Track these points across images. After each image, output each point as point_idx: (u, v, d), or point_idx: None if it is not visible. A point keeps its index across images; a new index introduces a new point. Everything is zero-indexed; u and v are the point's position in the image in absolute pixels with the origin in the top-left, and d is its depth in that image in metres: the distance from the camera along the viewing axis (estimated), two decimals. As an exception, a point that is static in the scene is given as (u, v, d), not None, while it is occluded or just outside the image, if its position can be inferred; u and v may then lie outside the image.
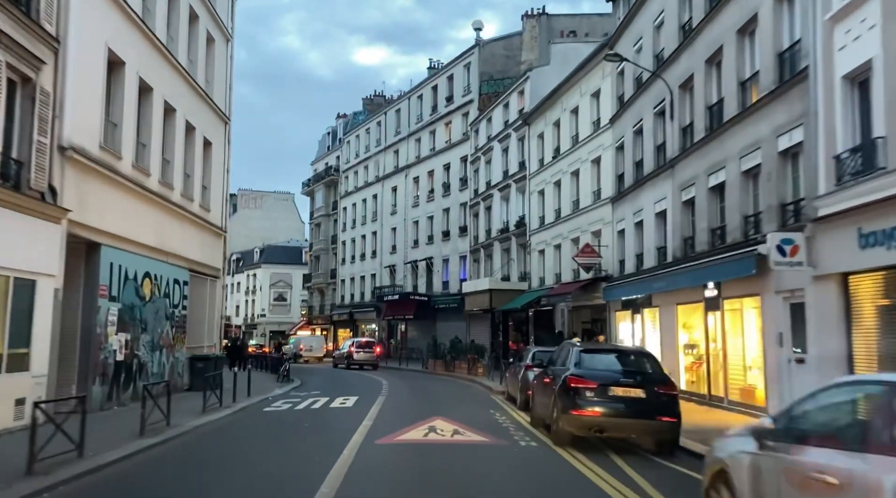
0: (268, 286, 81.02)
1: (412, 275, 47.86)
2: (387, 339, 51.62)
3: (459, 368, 30.17)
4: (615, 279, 23.38)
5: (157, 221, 17.67)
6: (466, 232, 41.49)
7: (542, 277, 31.29)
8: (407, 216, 49.07)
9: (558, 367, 11.32)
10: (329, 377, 31.02)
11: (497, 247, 36.54)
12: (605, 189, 25.20)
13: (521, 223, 33.58)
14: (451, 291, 42.41)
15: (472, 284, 35.58)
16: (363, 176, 56.91)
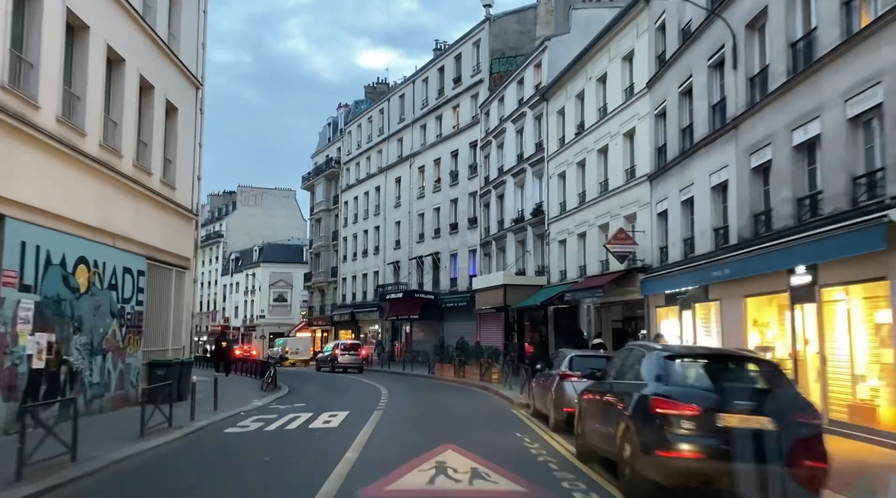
0: (267, 286, 77.62)
1: (417, 271, 44.36)
2: (391, 341, 48.11)
3: (470, 373, 26.63)
4: (655, 270, 19.81)
5: (100, 195, 14.23)
6: (476, 224, 37.98)
7: (562, 271, 27.74)
8: (412, 209, 45.58)
9: (627, 381, 7.77)
10: (320, 384, 27.60)
11: (511, 239, 33.00)
12: (640, 166, 21.64)
13: (539, 211, 30.04)
14: (460, 289, 38.90)
15: (484, 279, 32.03)
16: (365, 167, 53.49)
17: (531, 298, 27.95)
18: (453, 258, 40.51)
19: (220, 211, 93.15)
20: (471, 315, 37.29)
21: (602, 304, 23.71)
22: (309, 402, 18.77)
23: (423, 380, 29.53)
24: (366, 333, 52.85)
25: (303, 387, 25.72)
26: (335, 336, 57.75)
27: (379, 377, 30.91)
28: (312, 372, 37.75)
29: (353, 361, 35.80)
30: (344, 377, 32.39)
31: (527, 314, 30.93)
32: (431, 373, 31.28)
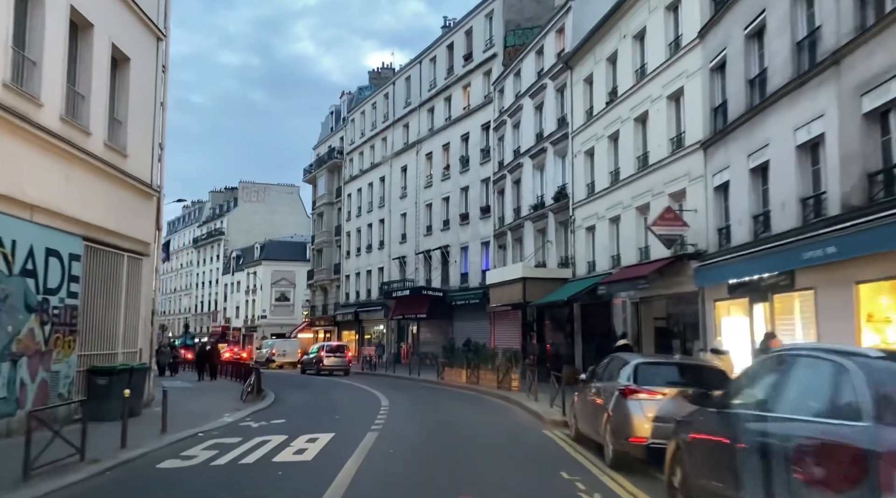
0: (269, 285, 74.43)
1: (425, 267, 40.92)
2: (396, 342, 44.68)
3: (485, 378, 23.19)
4: (714, 255, 16.29)
5: (6, 152, 10.87)
6: (489, 213, 34.49)
7: (590, 262, 24.23)
8: (419, 199, 42.14)
9: (837, 419, 4.22)
10: (310, 391, 24.39)
11: (529, 228, 29.49)
12: (690, 132, 18.11)
13: (562, 195, 26.54)
14: (472, 285, 35.42)
15: (499, 273, 28.51)
16: (369, 157, 50.10)
17: (554, 294, 24.44)
18: (464, 252, 37.05)
19: (222, 207, 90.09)
20: (483, 314, 33.81)
21: (641, 299, 20.18)
22: (291, 416, 15.39)
23: (430, 387, 26.10)
24: (370, 333, 49.48)
25: (290, 395, 22.42)
26: (338, 337, 54.44)
27: (380, 384, 27.49)
28: (298, 375, 35.91)
29: (339, 363, 34.69)
30: (336, 383, 29.13)
31: (548, 312, 27.43)
32: (440, 378, 27.85)
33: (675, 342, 18.91)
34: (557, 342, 26.28)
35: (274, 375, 37.01)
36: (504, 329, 31.98)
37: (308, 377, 34.40)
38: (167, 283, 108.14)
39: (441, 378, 27.74)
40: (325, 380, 32.35)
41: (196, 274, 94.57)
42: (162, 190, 17.15)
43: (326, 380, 32.35)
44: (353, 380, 29.97)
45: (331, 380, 31.79)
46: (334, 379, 32.70)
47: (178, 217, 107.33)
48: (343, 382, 30.32)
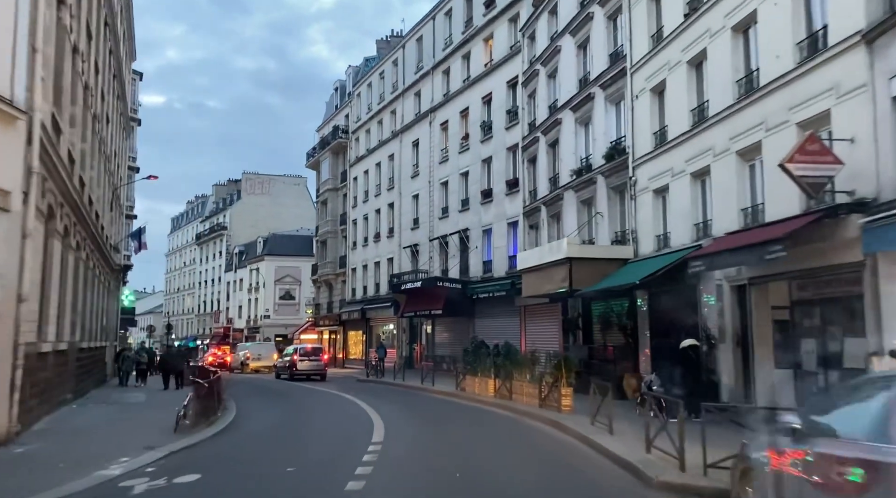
0: (272, 282, 68.82)
1: (441, 255, 34.96)
2: (408, 343, 38.74)
3: (521, 392, 17.20)
4: (890, 206, 10.18)
5: None
6: (517, 187, 28.45)
7: (661, 235, 18.13)
8: (433, 177, 36.19)
9: None
10: (280, 406, 18.65)
11: (570, 200, 23.42)
12: (839, 23, 11.95)
13: (617, 151, 20.45)
14: (496, 275, 29.42)
15: (534, 254, 22.38)
16: (377, 134, 44.25)
17: (613, 278, 18.32)
18: (487, 235, 31.02)
19: (225, 201, 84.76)
20: (511, 308, 27.82)
21: (751, 280, 14.03)
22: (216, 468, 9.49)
23: (446, 401, 20.13)
24: (379, 333, 43.60)
25: (253, 414, 16.65)
26: (344, 337, 48.69)
27: (382, 396, 21.59)
28: (273, 381, 33.35)
29: (314, 367, 32.69)
30: (316, 393, 23.62)
31: (597, 305, 21.33)
32: (459, 388, 21.88)
33: (807, 342, 12.77)
34: (614, 343, 20.17)
35: (249, 381, 33.67)
36: (538, 327, 25.95)
37: (282, 384, 30.48)
38: (170, 282, 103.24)
39: (461, 389, 21.76)
40: (301, 387, 27.09)
41: (199, 272, 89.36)
42: (33, 110, 11.24)
43: (303, 388, 26.99)
44: (346, 390, 24.07)
45: (310, 388, 26.45)
46: (313, 387, 27.41)
47: (182, 213, 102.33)
48: (327, 391, 24.56)
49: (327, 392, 24.59)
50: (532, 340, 25.84)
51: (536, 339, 25.30)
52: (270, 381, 34.42)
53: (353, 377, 34.28)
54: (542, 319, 25.63)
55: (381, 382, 29.24)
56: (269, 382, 33.72)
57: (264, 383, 32.54)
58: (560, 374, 14.89)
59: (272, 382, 33.70)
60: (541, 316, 25.67)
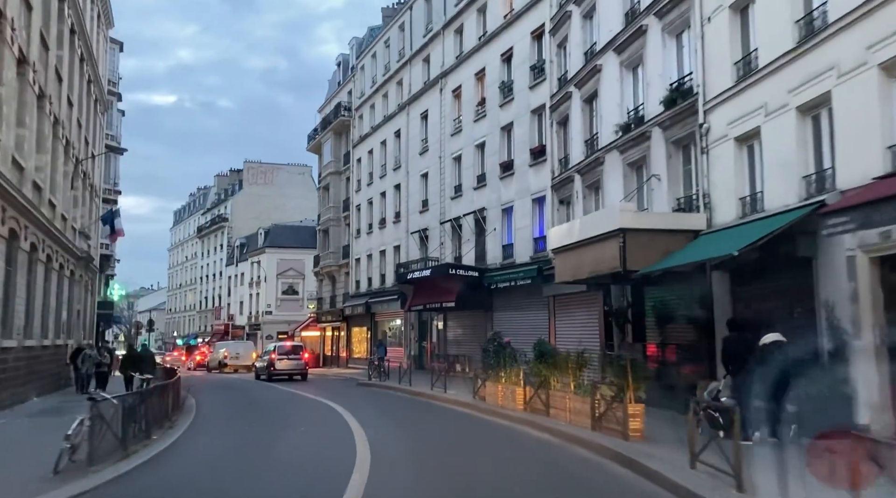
0: (274, 276, 64.65)
1: (453, 240, 30.60)
2: (416, 341, 34.42)
3: (565, 407, 12.78)
4: None
5: None
6: (544, 155, 24.00)
7: (747, 197, 13.64)
8: (444, 151, 31.80)
9: None
10: (246, 418, 14.45)
11: (614, 163, 18.93)
12: None
13: (680, 94, 15.95)
14: (519, 260, 25.00)
15: (573, 228, 17.74)
16: (382, 109, 39.90)
17: (685, 253, 13.82)
18: (507, 215, 26.60)
19: (227, 192, 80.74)
20: (538, 300, 23.42)
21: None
22: None
23: (461, 416, 15.77)
24: (385, 330, 39.32)
25: (210, 430, 12.42)
26: (348, 334, 44.43)
27: (381, 406, 17.32)
28: (251, 382, 31.06)
29: (294, 366, 30.93)
30: (297, 401, 19.43)
31: (651, 291, 16.83)
32: (477, 397, 17.50)
33: None
34: (679, 340, 15.66)
35: (224, 383, 30.85)
36: (572, 322, 21.51)
37: (259, 387, 27.69)
38: (173, 278, 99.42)
39: (479, 397, 17.38)
40: (280, 392, 22.99)
41: (200, 267, 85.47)
42: None
43: (283, 392, 22.87)
44: (336, 398, 19.76)
45: (291, 394, 22.35)
46: (295, 391, 23.32)
47: (184, 205, 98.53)
48: (310, 399, 20.21)
49: (311, 400, 20.28)
50: (564, 337, 21.42)
51: (569, 336, 20.85)
52: (248, 382, 30.82)
53: (355, 379, 30.06)
54: (576, 311, 21.19)
55: (383, 387, 24.92)
56: (247, 383, 30.07)
57: (240, 386, 28.79)
58: (626, 383, 10.44)
59: (250, 383, 30.06)
60: (575, 308, 21.23)
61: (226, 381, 33.01)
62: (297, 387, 26.82)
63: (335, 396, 21.17)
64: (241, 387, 28.13)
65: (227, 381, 32.92)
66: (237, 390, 26.05)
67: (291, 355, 31.34)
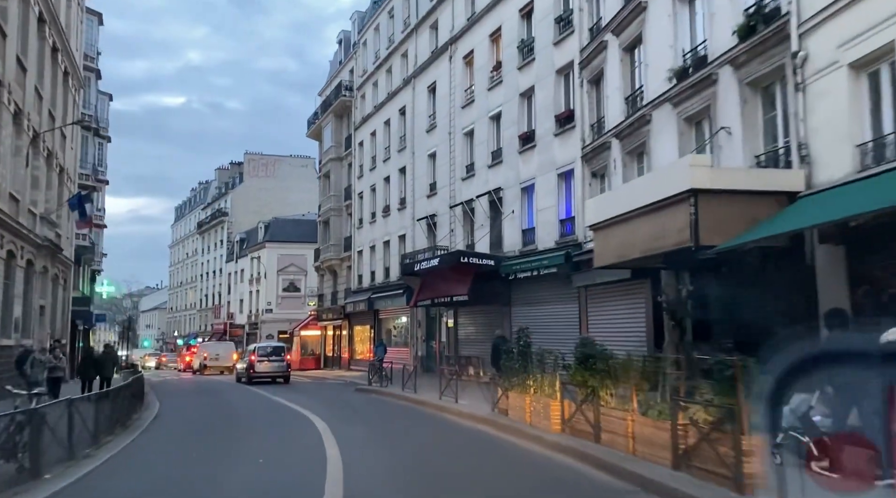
0: (275, 272, 61.25)
1: (464, 226, 27.04)
2: (424, 340, 30.87)
3: (627, 433, 9.17)
4: None
5: None
6: (572, 122, 20.37)
7: (871, 144, 9.98)
8: (454, 127, 28.22)
9: None
10: (207, 426, 10.87)
11: (665, 119, 15.29)
12: None
13: (762, 19, 12.28)
14: (543, 246, 21.40)
15: (621, 196, 14.04)
16: (385, 85, 36.37)
17: (778, 222, 10.17)
18: (527, 194, 23.00)
19: (227, 186, 77.48)
20: (566, 291, 19.83)
21: None
22: None
23: (478, 437, 12.16)
24: (391, 328, 35.81)
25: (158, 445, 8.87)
26: (350, 333, 40.92)
27: (374, 423, 13.82)
28: (231, 384, 29.06)
29: (276, 368, 28.93)
30: (276, 412, 15.81)
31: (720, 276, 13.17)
32: (497, 410, 13.93)
33: None
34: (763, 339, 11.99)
35: (203, 385, 29.13)
36: (609, 316, 17.88)
37: (238, 391, 25.40)
38: (174, 276, 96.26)
39: (498, 411, 13.80)
40: (258, 400, 19.81)
41: (200, 264, 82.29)
42: None
43: (261, 401, 19.53)
44: (325, 408, 16.27)
45: (268, 402, 19.21)
46: (274, 399, 20.32)
47: (185, 200, 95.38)
48: (291, 410, 16.62)
49: (291, 411, 16.73)
50: (599, 335, 17.78)
51: (606, 334, 17.19)
52: (227, 386, 27.60)
53: (354, 383, 26.59)
54: (616, 304, 17.56)
55: (384, 394, 21.38)
56: (224, 387, 26.87)
57: (216, 390, 25.61)
58: (735, 403, 6.80)
59: (228, 387, 26.86)
60: (614, 300, 17.60)
61: (203, 384, 30.25)
62: (280, 392, 23.46)
63: (323, 405, 17.69)
64: (217, 392, 24.96)
65: (204, 384, 30.21)
66: (209, 396, 22.69)
67: (273, 357, 29.26)
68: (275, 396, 21.92)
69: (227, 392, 24.84)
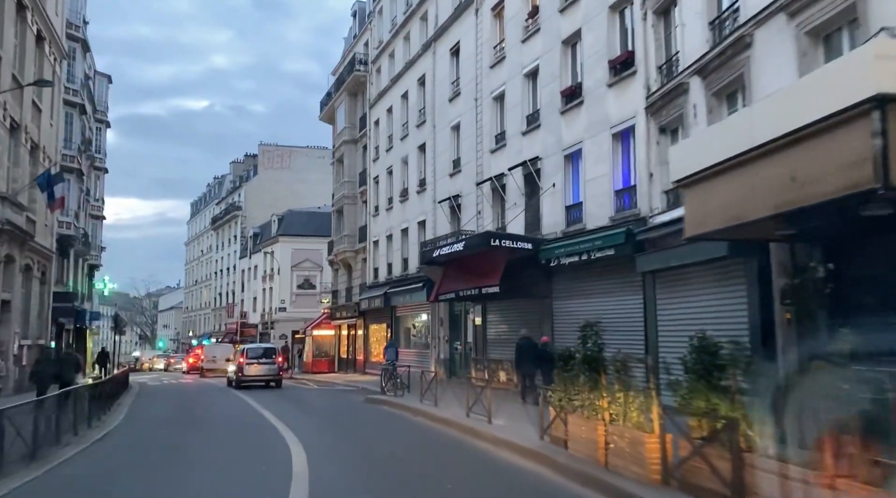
0: (288, 267, 57.67)
1: (494, 205, 22.98)
2: (447, 341, 26.84)
3: None
4: None
5: None
6: (632, 66, 16.19)
7: None
8: (480, 91, 24.17)
9: None
10: (139, 465, 6.74)
11: (777, 36, 11.09)
12: None
13: None
14: (594, 224, 17.26)
15: (744, 123, 9.91)
16: (403, 54, 32.44)
17: None
18: (572, 163, 18.87)
19: (241, 179, 74.18)
20: (628, 279, 15.70)
21: None
22: None
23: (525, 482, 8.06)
24: (409, 327, 31.87)
25: None
26: (365, 332, 37.03)
27: (374, 449, 9.65)
28: (221, 389, 26.67)
29: (266, 372, 26.87)
30: (251, 429, 11.71)
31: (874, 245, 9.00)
32: (548, 437, 9.85)
33: None
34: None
35: (189, 391, 27.29)
36: (690, 308, 13.68)
37: (222, 398, 22.75)
38: (189, 274, 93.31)
39: (554, 442, 9.73)
40: (240, 411, 15.72)
41: (215, 261, 79.14)
42: None
43: (241, 414, 15.48)
44: (318, 430, 12.32)
45: (249, 415, 15.17)
46: (259, 411, 16.36)
47: (201, 196, 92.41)
48: (269, 427, 12.50)
49: (269, 433, 12.70)
50: (673, 333, 13.70)
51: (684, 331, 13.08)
52: (213, 390, 24.35)
53: (366, 391, 22.77)
54: (699, 292, 13.36)
55: (398, 406, 17.36)
56: (207, 393, 23.67)
57: (198, 395, 22.18)
58: None
59: (211, 393, 23.67)
60: (696, 287, 13.40)
61: (190, 389, 27.06)
62: (269, 401, 19.74)
63: (316, 422, 13.81)
64: (194, 398, 21.41)
65: (192, 389, 27.00)
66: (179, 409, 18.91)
67: (263, 359, 27.10)
68: (260, 406, 18.08)
69: (206, 399, 21.30)
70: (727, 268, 12.17)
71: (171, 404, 20.43)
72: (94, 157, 40.71)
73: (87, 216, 40.27)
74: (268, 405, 18.15)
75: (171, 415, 17.19)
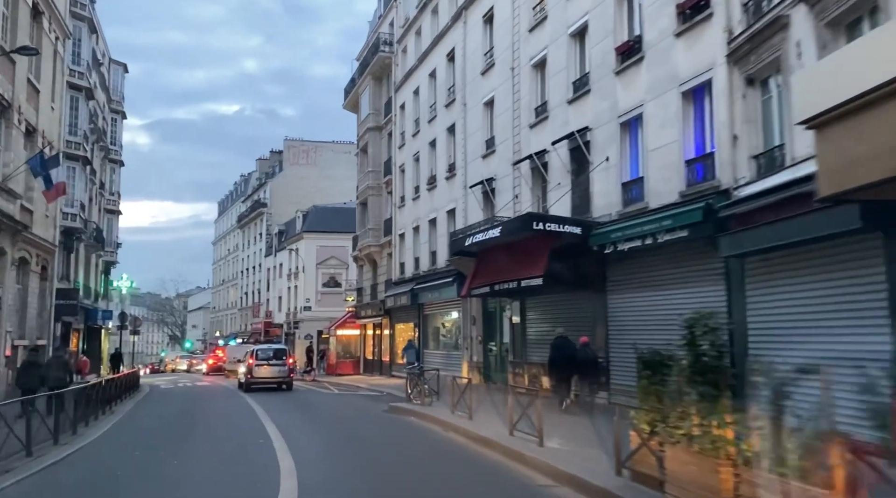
0: (314, 265, 55.44)
1: (534, 187, 20.15)
2: (481, 341, 24.08)
3: None
4: None
5: None
6: (707, 9, 13.27)
7: None
8: (518, 60, 21.37)
9: None
10: None
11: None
12: None
13: None
14: (659, 201, 14.36)
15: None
16: (431, 29, 29.80)
17: None
18: (629, 131, 16.00)
19: (267, 176, 72.33)
20: (707, 266, 12.82)
21: None
22: None
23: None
24: (439, 325, 29.17)
25: None
26: (391, 332, 34.46)
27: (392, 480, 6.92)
28: (231, 392, 25.82)
29: (276, 374, 25.56)
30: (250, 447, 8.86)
31: None
32: (633, 473, 7.04)
33: None
34: None
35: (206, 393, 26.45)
36: (798, 301, 10.73)
37: (227, 403, 21.10)
38: (216, 273, 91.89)
39: (641, 479, 6.93)
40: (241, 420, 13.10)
41: (241, 260, 77.48)
42: None
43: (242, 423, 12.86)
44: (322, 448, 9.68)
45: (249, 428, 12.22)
46: (262, 422, 13.42)
47: (228, 193, 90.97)
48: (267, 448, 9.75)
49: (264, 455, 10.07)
50: (768, 331, 10.81)
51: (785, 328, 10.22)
52: (222, 393, 22.01)
53: (391, 397, 20.21)
54: (808, 280, 10.41)
55: (426, 417, 14.64)
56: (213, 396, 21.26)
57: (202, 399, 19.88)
58: None
59: (217, 396, 21.31)
60: (805, 274, 10.45)
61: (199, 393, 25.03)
62: (278, 408, 17.32)
63: (326, 440, 11.17)
64: (201, 403, 19.09)
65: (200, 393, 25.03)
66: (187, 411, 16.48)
67: (273, 361, 25.88)
68: (266, 416, 15.55)
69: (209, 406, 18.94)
70: (856, 246, 9.24)
71: (169, 411, 18.14)
72: (108, 149, 38.86)
73: (101, 211, 38.44)
74: (274, 416, 15.62)
75: (159, 425, 14.82)
